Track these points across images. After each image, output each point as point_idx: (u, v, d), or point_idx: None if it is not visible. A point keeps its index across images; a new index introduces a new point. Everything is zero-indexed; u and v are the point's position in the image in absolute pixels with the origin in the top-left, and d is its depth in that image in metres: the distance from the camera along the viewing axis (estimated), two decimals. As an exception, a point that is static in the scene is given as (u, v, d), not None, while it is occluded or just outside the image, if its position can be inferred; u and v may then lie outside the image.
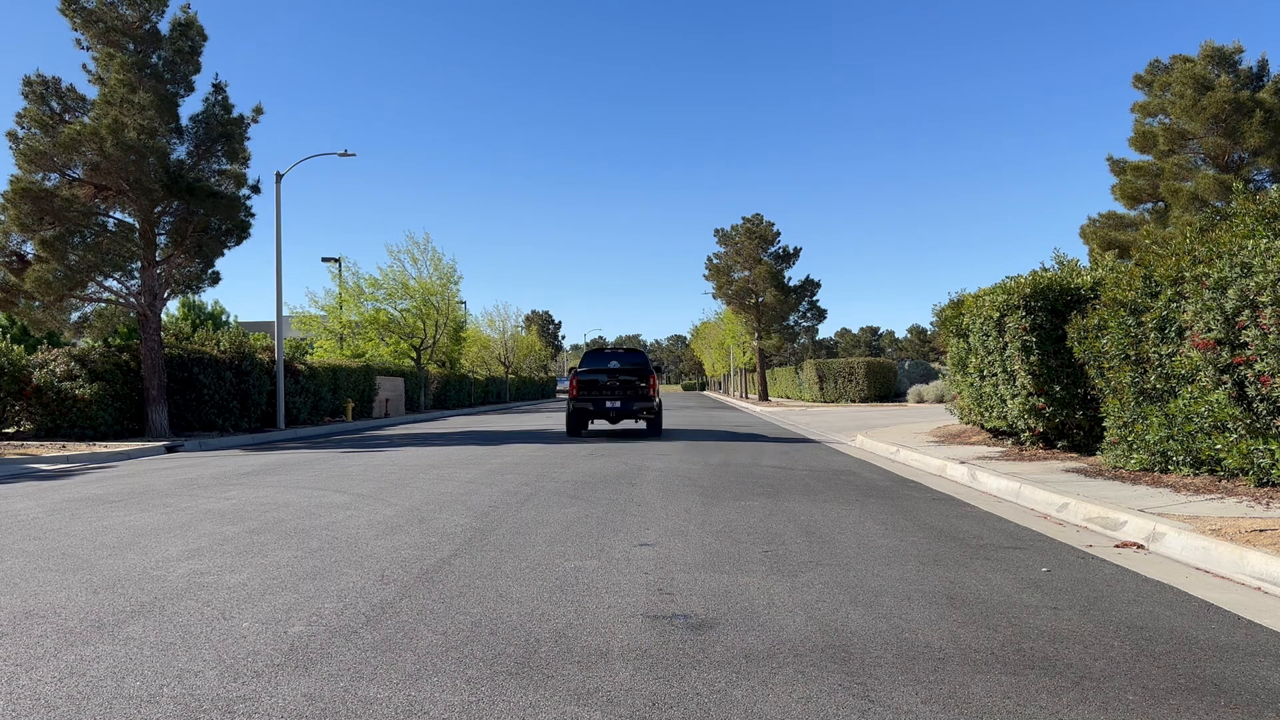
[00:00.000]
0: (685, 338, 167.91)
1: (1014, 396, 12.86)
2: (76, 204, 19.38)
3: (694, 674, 3.74)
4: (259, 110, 22.46)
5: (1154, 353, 9.36)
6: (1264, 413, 7.71)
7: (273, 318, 26.21)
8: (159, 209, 21.10)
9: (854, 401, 44.55)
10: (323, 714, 3.37)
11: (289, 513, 8.56)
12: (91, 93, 20.63)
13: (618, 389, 19.50)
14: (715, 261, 55.56)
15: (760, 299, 53.45)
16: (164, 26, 21.13)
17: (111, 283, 21.00)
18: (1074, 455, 12.02)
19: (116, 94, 19.72)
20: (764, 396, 54.90)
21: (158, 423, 20.63)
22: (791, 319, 55.25)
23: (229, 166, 22.10)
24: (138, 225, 20.97)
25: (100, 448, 17.22)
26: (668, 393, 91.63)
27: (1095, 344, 10.68)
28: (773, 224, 54.61)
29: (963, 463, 11.50)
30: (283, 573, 5.80)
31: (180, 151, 21.51)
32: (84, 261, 19.66)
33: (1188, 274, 8.63)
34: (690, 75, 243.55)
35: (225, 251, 22.23)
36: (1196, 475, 8.67)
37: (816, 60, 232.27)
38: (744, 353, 61.40)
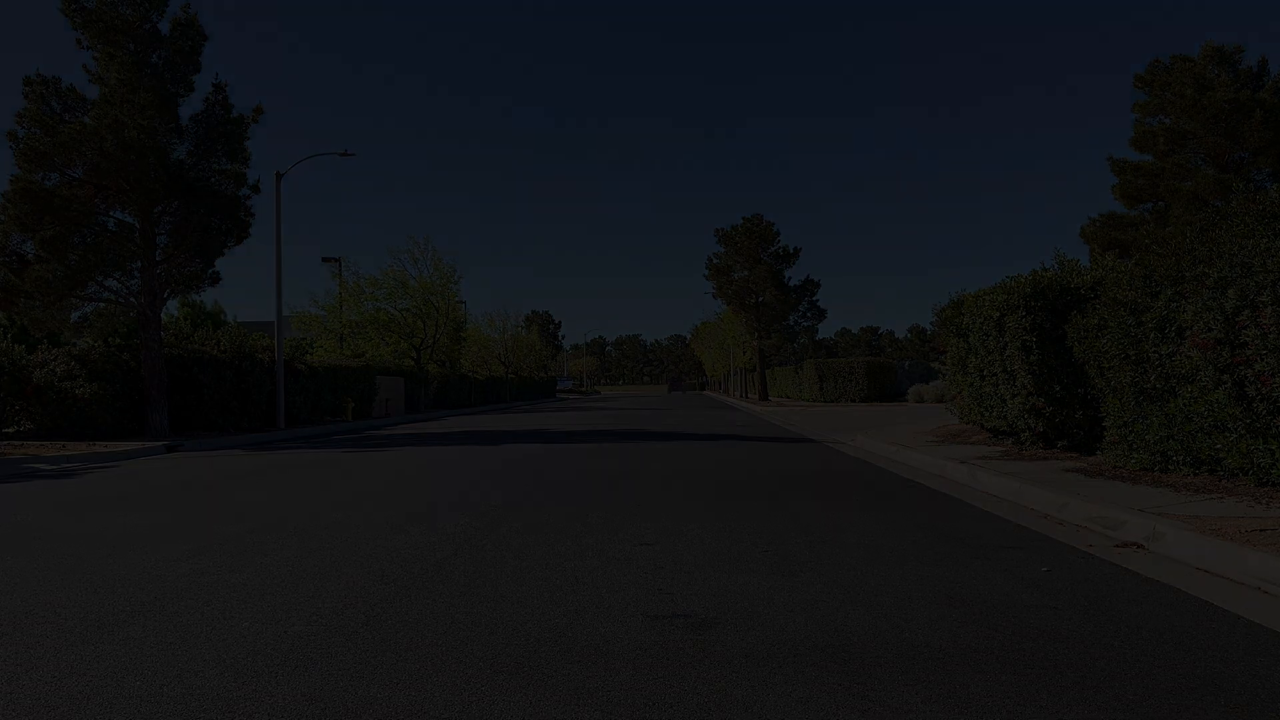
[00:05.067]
0: (685, 338, 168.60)
1: (1014, 396, 12.86)
2: (76, 204, 19.38)
3: (694, 674, 3.74)
4: (259, 110, 22.47)
5: (1154, 352, 9.36)
6: (1264, 412, 7.71)
7: (273, 318, 26.19)
8: (159, 209, 21.10)
9: (854, 401, 44.52)
10: (323, 714, 3.37)
11: (289, 512, 8.56)
12: (92, 93, 20.64)
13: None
14: (715, 261, 55.57)
15: (760, 299, 53.45)
16: (164, 26, 21.13)
17: (111, 283, 21.00)
18: (1074, 455, 12.01)
19: (116, 94, 19.72)
20: (764, 396, 54.92)
21: (158, 422, 20.62)
22: (791, 319, 55.31)
23: (229, 166, 22.09)
24: (138, 225, 20.97)
25: (101, 447, 17.22)
26: (665, 393, 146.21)
27: (1095, 344, 10.67)
28: (773, 224, 54.64)
29: (963, 462, 11.49)
30: (283, 572, 5.80)
31: (180, 151, 21.50)
32: (84, 261, 19.66)
33: (1188, 274, 8.63)
34: (691, 74, 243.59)
35: (225, 251, 22.26)
36: (1196, 475, 8.66)
37: (816, 60, 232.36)
38: (744, 353, 61.42)
